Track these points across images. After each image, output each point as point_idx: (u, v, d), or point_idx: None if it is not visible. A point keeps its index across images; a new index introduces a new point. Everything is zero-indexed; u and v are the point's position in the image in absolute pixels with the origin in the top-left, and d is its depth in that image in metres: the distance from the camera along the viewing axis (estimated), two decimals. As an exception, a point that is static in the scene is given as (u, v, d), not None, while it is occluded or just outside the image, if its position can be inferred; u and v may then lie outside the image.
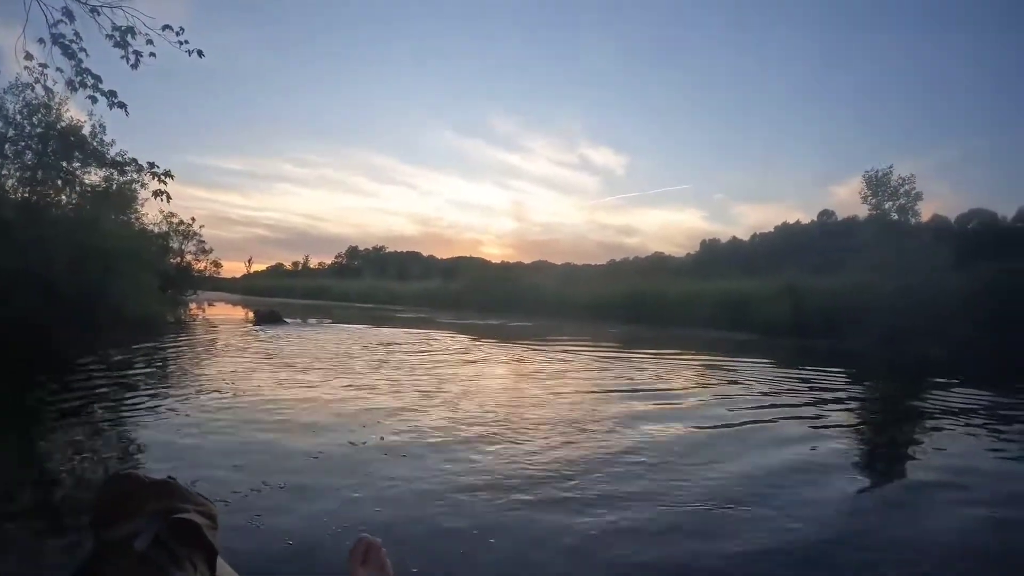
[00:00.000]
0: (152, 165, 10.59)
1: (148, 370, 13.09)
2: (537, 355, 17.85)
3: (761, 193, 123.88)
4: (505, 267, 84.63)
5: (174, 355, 15.48)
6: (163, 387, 11.01)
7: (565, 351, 18.97)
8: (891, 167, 31.76)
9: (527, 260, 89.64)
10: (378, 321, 33.24)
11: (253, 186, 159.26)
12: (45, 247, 15.88)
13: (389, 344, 19.82)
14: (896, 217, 31.67)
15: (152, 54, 7.36)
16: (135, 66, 7.49)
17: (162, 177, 10.62)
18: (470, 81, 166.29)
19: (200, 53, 7.67)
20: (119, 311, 17.75)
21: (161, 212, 37.43)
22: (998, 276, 26.17)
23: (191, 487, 1.17)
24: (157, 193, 12.29)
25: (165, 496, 1.15)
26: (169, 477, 1.20)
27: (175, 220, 39.11)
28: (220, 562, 1.16)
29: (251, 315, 33.26)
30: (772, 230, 71.83)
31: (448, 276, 69.11)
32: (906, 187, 31.61)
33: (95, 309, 16.88)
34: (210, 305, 43.24)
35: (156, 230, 37.41)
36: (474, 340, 22.57)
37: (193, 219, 40.26)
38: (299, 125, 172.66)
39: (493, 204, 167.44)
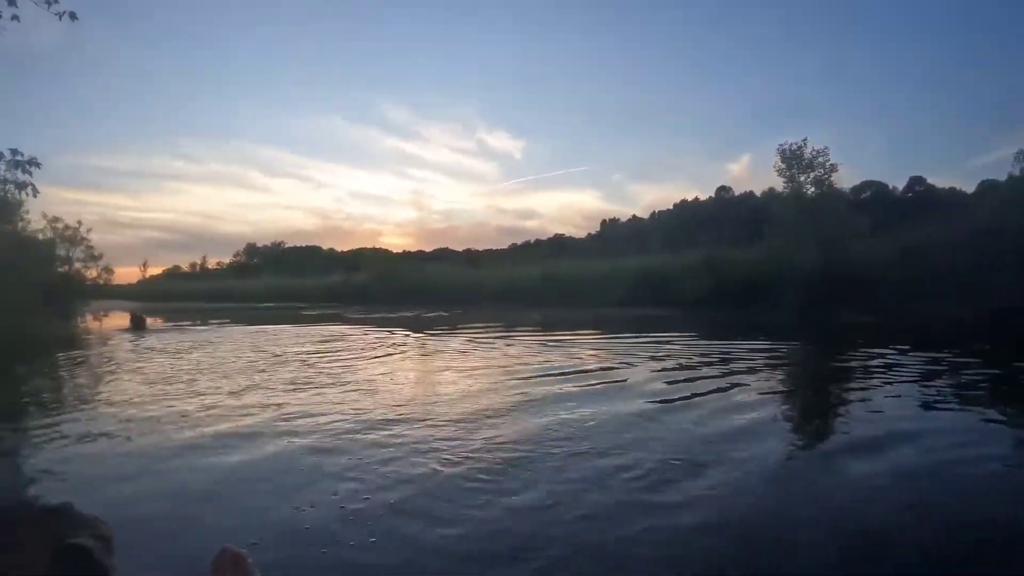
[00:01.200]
0: (15, 152, 9.72)
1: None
2: (472, 345, 16.13)
3: (657, 173, 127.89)
4: (407, 256, 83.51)
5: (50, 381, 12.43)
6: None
7: (496, 339, 17.37)
8: (805, 140, 31.33)
9: (428, 248, 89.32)
10: (282, 320, 30.40)
11: (141, 186, 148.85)
12: None
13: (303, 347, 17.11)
14: (813, 189, 31.42)
15: (15, 17, 6.12)
16: (-8, 31, 6.18)
17: (27, 166, 9.81)
18: (357, 68, 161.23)
19: (72, 16, 6.35)
20: None
21: (44, 217, 34.35)
22: (908, 243, 26.44)
23: (83, 511, 1.32)
24: (21, 186, 11.86)
25: (54, 523, 1.27)
26: (64, 503, 1.36)
27: (60, 225, 35.78)
28: None
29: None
30: (671, 207, 74.72)
31: (349, 269, 66.49)
32: (820, 159, 31.31)
33: None
34: (104, 315, 40.17)
35: (40, 236, 34.04)
36: (398, 333, 20.50)
37: (80, 223, 36.78)
38: (183, 120, 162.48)
39: (391, 194, 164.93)
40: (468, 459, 5.72)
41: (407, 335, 19.89)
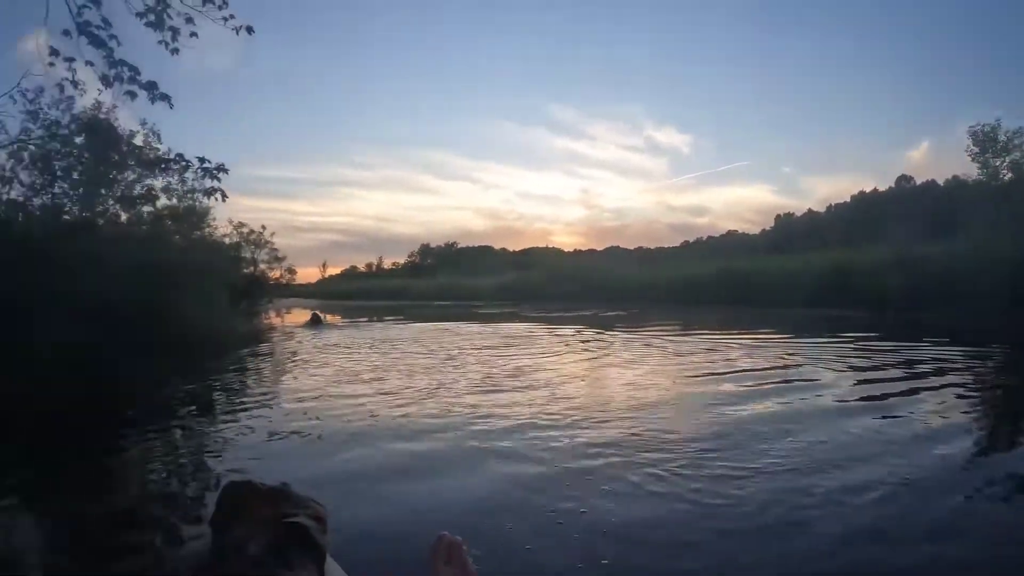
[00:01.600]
0: (203, 160, 9.67)
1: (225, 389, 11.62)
2: (665, 344, 16.39)
3: (829, 164, 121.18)
4: (578, 255, 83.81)
5: (247, 372, 14.09)
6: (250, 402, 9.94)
7: (680, 337, 17.83)
8: (998, 120, 29.01)
9: (599, 247, 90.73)
10: (460, 318, 32.35)
11: (319, 192, 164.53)
12: (98, 267, 13.77)
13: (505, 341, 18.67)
14: (1010, 175, 28.99)
15: (193, 34, 6.67)
16: (175, 51, 6.76)
17: (215, 172, 9.73)
18: (523, 71, 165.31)
19: (250, 30, 6.94)
20: (184, 331, 15.16)
21: (230, 223, 37.05)
22: None
23: (302, 492, 1.30)
24: (210, 192, 11.65)
25: (278, 501, 1.27)
26: (283, 483, 1.34)
27: (245, 230, 39.12)
28: (330, 563, 1.26)
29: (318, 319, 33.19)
30: (848, 200, 70.37)
31: (521, 268, 68.61)
32: (1016, 140, 28.79)
33: (157, 331, 14.40)
34: (287, 312, 43.84)
35: (227, 241, 36.62)
36: (584, 332, 21.15)
37: (264, 227, 40.55)
38: (357, 128, 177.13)
39: (561, 193, 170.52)
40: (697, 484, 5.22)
41: (598, 332, 20.78)
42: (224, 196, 10.24)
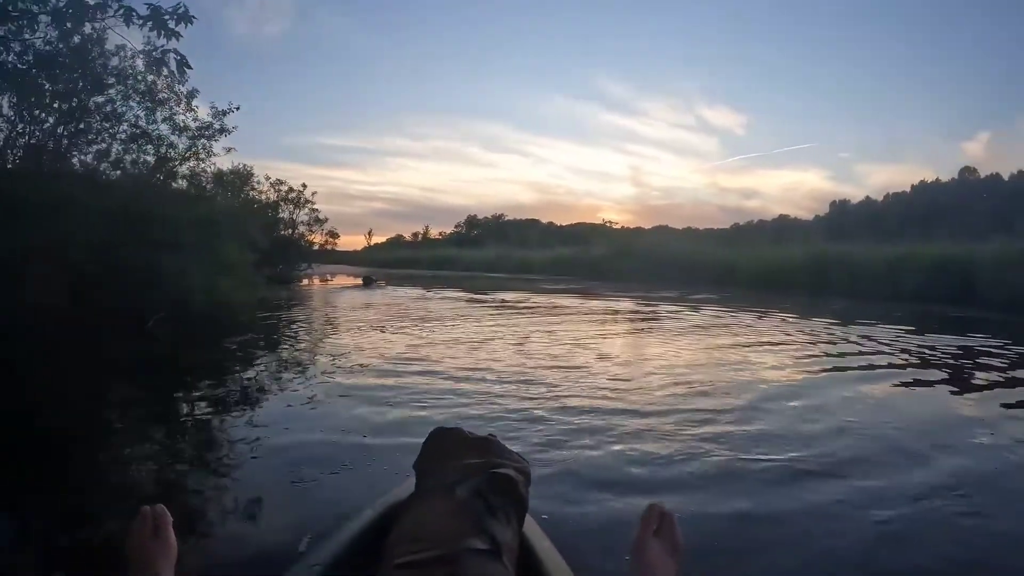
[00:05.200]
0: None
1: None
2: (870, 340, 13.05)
3: (887, 151, 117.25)
4: (626, 232, 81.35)
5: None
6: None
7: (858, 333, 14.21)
8: None
9: (647, 225, 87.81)
10: (519, 288, 30.20)
11: (370, 162, 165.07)
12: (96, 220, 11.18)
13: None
14: None
15: None
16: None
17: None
18: (576, 45, 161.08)
19: None
20: (185, 296, 12.30)
21: (267, 179, 35.24)
22: None
23: (507, 446, 1.50)
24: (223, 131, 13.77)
25: (485, 451, 1.45)
26: (489, 434, 1.58)
27: (284, 188, 37.21)
28: (528, 518, 1.45)
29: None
30: (908, 190, 69.59)
31: (569, 242, 66.23)
32: None
33: (149, 295, 11.79)
34: (331, 277, 41.13)
35: (263, 199, 35.10)
36: (724, 315, 18.15)
37: (304, 185, 37.79)
38: (410, 99, 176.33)
39: (610, 169, 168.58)
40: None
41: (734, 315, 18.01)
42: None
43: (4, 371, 8.05)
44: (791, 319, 17.03)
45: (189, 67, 7.85)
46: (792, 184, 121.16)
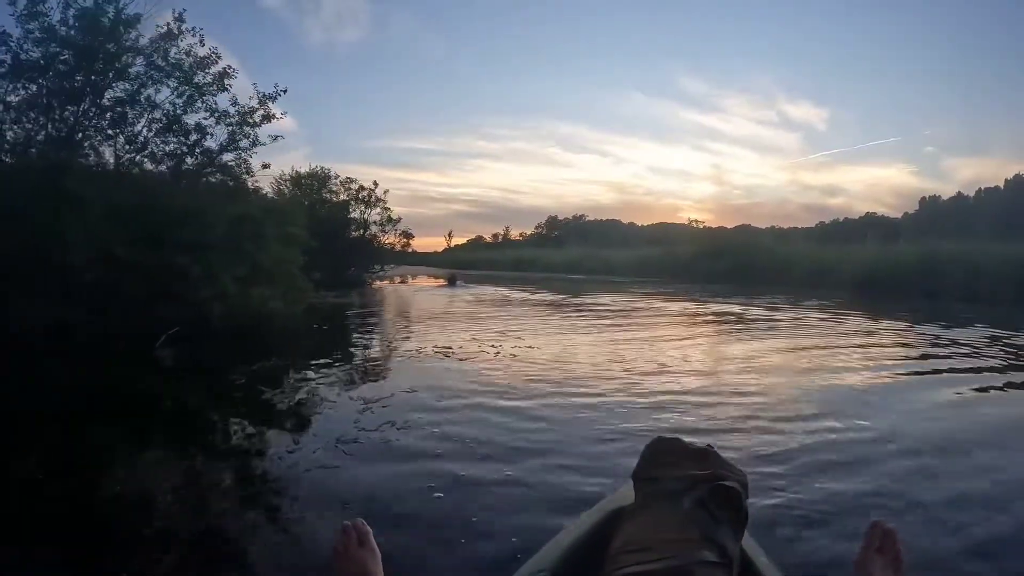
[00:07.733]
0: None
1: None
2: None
3: (974, 144, 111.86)
4: (709, 232, 78.51)
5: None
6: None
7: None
8: None
9: (729, 224, 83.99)
10: (633, 297, 27.02)
11: (449, 164, 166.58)
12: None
13: None
14: None
15: None
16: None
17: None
18: (653, 42, 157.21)
19: None
20: (206, 309, 10.50)
21: (335, 177, 34.14)
22: None
23: (723, 456, 1.39)
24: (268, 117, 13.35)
25: (705, 462, 1.36)
26: (708, 446, 1.46)
27: (355, 186, 35.75)
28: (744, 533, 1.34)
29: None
30: (1001, 184, 65.44)
31: (652, 243, 64.83)
32: None
33: (161, 309, 10.01)
34: (411, 278, 40.05)
35: (334, 199, 34.41)
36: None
37: (376, 183, 36.33)
38: (487, 100, 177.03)
39: (690, 168, 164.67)
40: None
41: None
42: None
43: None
44: (983, 332, 14.36)
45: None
46: (876, 180, 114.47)
